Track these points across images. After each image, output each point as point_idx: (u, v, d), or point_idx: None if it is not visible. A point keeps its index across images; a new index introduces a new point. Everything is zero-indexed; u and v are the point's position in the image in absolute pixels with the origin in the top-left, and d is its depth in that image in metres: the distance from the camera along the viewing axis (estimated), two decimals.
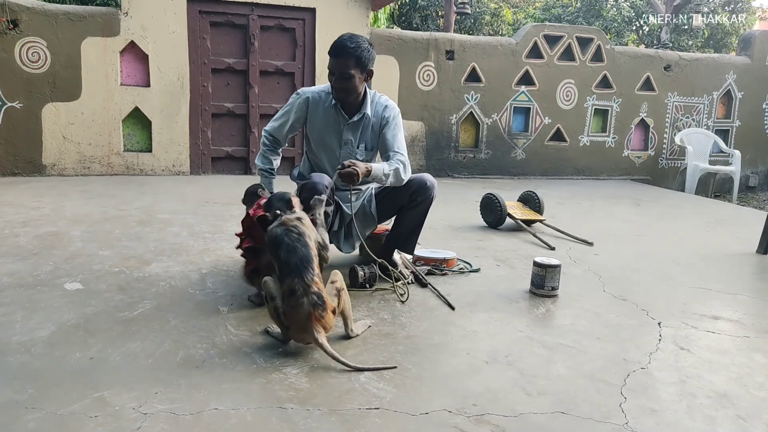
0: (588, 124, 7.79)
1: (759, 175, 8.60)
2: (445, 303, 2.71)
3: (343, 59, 2.73)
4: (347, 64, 2.73)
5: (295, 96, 2.97)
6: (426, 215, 3.03)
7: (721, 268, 3.58)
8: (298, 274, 2.08)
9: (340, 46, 2.73)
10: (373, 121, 2.92)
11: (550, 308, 2.72)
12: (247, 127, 6.74)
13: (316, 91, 2.95)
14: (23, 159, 6.08)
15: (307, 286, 2.06)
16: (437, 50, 7.13)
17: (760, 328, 2.58)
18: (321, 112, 2.90)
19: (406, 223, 3.03)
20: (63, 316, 2.37)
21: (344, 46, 2.73)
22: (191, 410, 1.70)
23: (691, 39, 15.29)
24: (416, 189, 2.93)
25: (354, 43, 2.73)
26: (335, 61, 2.75)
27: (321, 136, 2.93)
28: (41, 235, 3.66)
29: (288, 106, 2.97)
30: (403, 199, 2.96)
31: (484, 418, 1.73)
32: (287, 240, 2.15)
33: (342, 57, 2.73)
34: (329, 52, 2.78)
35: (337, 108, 2.87)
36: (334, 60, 2.75)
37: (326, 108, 2.89)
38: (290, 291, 2.07)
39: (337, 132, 2.91)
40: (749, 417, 1.81)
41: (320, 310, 2.05)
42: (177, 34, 6.32)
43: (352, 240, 3.04)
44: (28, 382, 1.83)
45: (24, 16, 5.88)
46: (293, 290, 2.06)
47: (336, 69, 2.75)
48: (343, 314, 2.24)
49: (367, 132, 2.94)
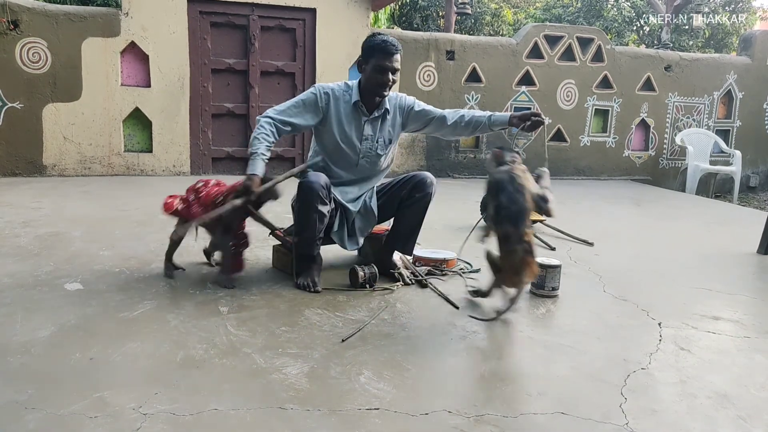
0: (588, 125, 7.78)
1: (760, 175, 8.60)
2: (448, 302, 2.71)
3: (398, 55, 2.84)
4: (399, 60, 2.86)
5: (314, 90, 2.91)
6: (424, 214, 3.04)
7: (721, 269, 3.57)
8: (514, 223, 2.25)
9: (393, 44, 2.83)
10: (393, 114, 3.00)
11: (550, 308, 2.72)
12: (248, 128, 6.73)
13: (333, 86, 2.94)
14: (24, 159, 6.09)
15: (520, 235, 2.24)
16: (438, 50, 7.13)
17: (761, 329, 2.57)
18: (342, 108, 2.92)
19: (405, 222, 3.04)
20: (63, 316, 2.37)
21: (395, 43, 2.83)
22: (191, 411, 1.70)
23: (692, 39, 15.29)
24: (416, 184, 2.98)
25: (396, 41, 2.87)
26: (391, 58, 2.82)
27: (342, 130, 2.93)
28: (42, 236, 3.66)
29: (303, 100, 2.89)
30: (403, 192, 2.99)
31: (484, 418, 1.73)
32: (510, 188, 2.31)
33: (397, 53, 2.84)
34: (383, 50, 2.80)
35: (357, 105, 2.91)
36: (390, 56, 2.81)
37: (346, 103, 2.92)
38: (505, 237, 2.27)
39: (358, 128, 2.94)
40: (750, 417, 1.80)
41: (530, 257, 2.28)
42: (177, 35, 6.32)
43: (356, 237, 3.04)
44: (28, 383, 1.83)
45: (24, 17, 5.88)
46: (508, 236, 2.25)
47: (391, 64, 2.83)
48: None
49: (386, 127, 3.00)
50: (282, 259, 3.12)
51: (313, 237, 2.84)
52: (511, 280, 2.36)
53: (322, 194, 2.75)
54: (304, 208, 2.78)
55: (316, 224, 2.80)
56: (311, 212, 2.76)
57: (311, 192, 2.74)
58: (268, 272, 3.11)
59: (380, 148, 3.00)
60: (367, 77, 2.88)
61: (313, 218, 2.77)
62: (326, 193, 2.78)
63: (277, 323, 2.39)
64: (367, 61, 2.86)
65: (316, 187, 2.73)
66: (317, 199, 2.74)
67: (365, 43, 2.89)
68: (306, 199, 2.75)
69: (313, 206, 2.75)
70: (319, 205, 2.75)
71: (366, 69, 2.87)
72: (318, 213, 2.77)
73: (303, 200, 2.77)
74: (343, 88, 2.94)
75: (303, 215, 2.80)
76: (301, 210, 2.80)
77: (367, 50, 2.86)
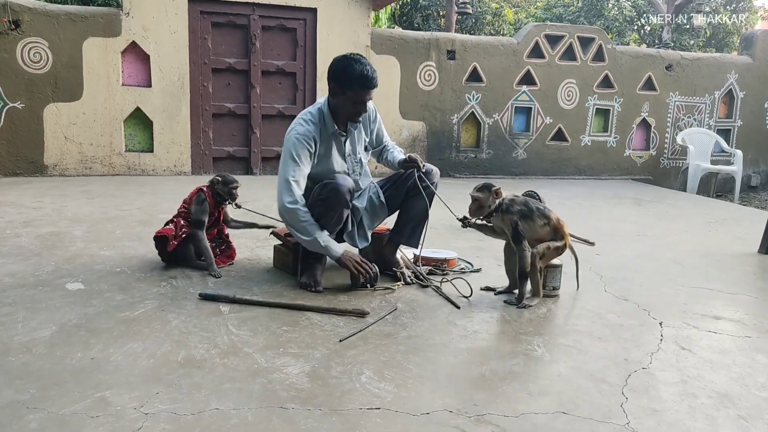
0: (589, 124, 7.78)
1: (761, 174, 8.59)
2: (450, 302, 2.71)
3: (374, 89, 2.76)
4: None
5: (301, 140, 2.73)
6: (430, 205, 3.03)
7: (722, 268, 3.57)
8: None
9: (373, 78, 2.72)
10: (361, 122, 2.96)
11: (551, 308, 2.72)
12: (249, 128, 6.74)
13: (310, 127, 2.79)
14: (25, 159, 6.09)
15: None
16: (438, 50, 7.13)
17: (762, 328, 2.57)
18: (324, 143, 2.86)
19: (411, 213, 3.04)
20: (64, 316, 2.38)
21: (375, 77, 2.74)
22: (192, 410, 1.70)
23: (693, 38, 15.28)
24: (424, 172, 2.99)
25: (375, 71, 2.77)
26: (369, 92, 2.75)
27: (329, 160, 2.89)
28: (43, 235, 3.67)
29: (299, 155, 2.73)
30: (409, 183, 2.99)
31: (485, 418, 1.73)
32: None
33: (375, 87, 2.76)
34: (363, 84, 2.70)
35: (335, 133, 2.86)
36: (369, 91, 2.74)
37: (327, 136, 2.85)
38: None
39: (340, 150, 2.93)
40: (751, 417, 1.80)
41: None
42: (178, 35, 6.33)
43: (365, 233, 3.03)
44: (29, 382, 1.83)
45: (25, 17, 5.89)
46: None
47: (370, 97, 2.78)
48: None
49: (360, 135, 3.01)
50: (283, 258, 3.12)
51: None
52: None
53: (348, 198, 2.74)
54: (323, 209, 2.74)
55: (330, 225, 2.78)
56: (331, 212, 2.74)
57: (337, 194, 2.70)
58: (269, 272, 3.11)
59: (363, 156, 3.03)
60: (341, 105, 2.78)
61: (330, 219, 2.76)
62: (351, 197, 2.77)
63: (278, 323, 2.39)
64: (343, 90, 2.72)
65: (343, 191, 2.70)
66: (343, 202, 2.72)
67: (342, 69, 2.71)
68: (330, 201, 2.72)
69: (336, 208, 2.73)
70: (343, 208, 2.75)
71: (341, 97, 2.75)
72: (338, 215, 2.76)
73: (326, 201, 2.73)
74: (318, 123, 2.81)
75: (321, 216, 2.74)
76: (321, 211, 2.74)
77: (346, 80, 2.70)
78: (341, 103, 2.78)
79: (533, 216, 2.65)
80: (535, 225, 2.65)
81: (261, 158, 6.84)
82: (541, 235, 2.67)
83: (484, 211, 2.67)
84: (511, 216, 2.63)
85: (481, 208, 2.66)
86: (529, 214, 2.65)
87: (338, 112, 2.83)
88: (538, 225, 2.65)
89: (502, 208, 2.65)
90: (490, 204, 2.65)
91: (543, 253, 2.65)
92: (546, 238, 2.67)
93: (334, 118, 2.84)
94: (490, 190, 2.64)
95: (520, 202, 2.68)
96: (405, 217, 3.07)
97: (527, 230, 2.64)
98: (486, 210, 2.66)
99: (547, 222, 2.66)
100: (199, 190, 3.06)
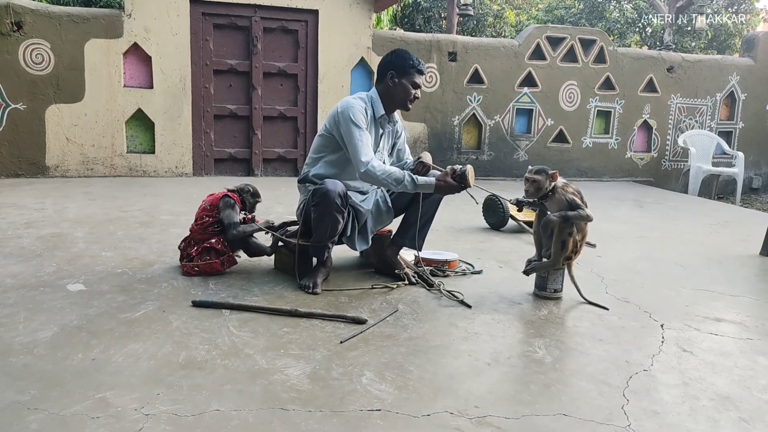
0: (591, 126, 7.78)
1: (762, 176, 8.58)
2: (460, 303, 2.75)
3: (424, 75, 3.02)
4: None
5: (359, 109, 2.87)
6: (436, 208, 3.09)
7: (724, 270, 3.57)
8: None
9: (423, 65, 3.01)
10: (393, 127, 3.13)
11: (552, 310, 2.72)
12: (250, 129, 6.75)
13: (363, 104, 2.92)
14: (27, 160, 6.11)
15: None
16: (440, 52, 7.14)
17: (764, 331, 2.57)
18: (368, 123, 2.94)
19: (417, 216, 3.04)
20: (66, 317, 2.38)
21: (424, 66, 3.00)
22: (193, 411, 1.70)
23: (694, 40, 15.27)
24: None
25: None
26: (422, 77, 3.02)
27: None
28: (44, 237, 3.67)
29: (360, 124, 2.83)
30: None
31: (486, 419, 1.73)
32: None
33: (425, 73, 3.05)
34: (419, 70, 2.96)
35: (380, 119, 2.98)
36: (422, 76, 3.01)
37: (373, 119, 2.97)
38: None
39: (375, 140, 3.00)
40: (752, 419, 1.80)
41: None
42: (180, 36, 6.34)
43: (366, 236, 3.03)
44: (30, 383, 1.84)
45: (28, 18, 5.90)
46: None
47: (421, 82, 3.01)
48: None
49: (389, 139, 3.12)
50: (284, 260, 3.12)
51: (323, 243, 2.85)
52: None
53: (338, 202, 2.75)
54: (317, 215, 2.78)
55: (327, 231, 2.80)
56: (325, 218, 2.77)
57: (327, 199, 2.73)
58: (270, 273, 3.11)
59: (386, 159, 3.10)
60: (399, 90, 2.95)
61: (326, 225, 2.78)
62: (342, 201, 2.78)
63: (279, 324, 2.39)
64: (402, 75, 2.94)
65: (332, 196, 2.73)
66: (333, 206, 2.74)
67: (400, 57, 2.96)
68: (321, 206, 2.75)
69: (328, 213, 2.75)
70: (335, 213, 2.76)
71: (398, 82, 2.94)
72: (332, 220, 2.78)
73: (318, 207, 2.77)
74: (368, 103, 2.97)
75: (316, 221, 2.80)
76: (315, 216, 2.79)
77: (404, 65, 2.93)
78: (399, 88, 2.95)
79: (582, 203, 2.81)
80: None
81: (262, 159, 6.84)
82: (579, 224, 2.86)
83: (540, 193, 2.81)
84: (567, 194, 2.81)
85: (539, 190, 2.80)
86: (581, 198, 2.82)
87: (394, 98, 2.97)
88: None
89: (556, 191, 2.80)
90: (546, 186, 2.79)
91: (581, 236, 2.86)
92: (582, 229, 2.86)
93: (383, 105, 2.98)
94: (547, 173, 2.78)
95: (574, 187, 2.84)
96: (411, 219, 3.07)
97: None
98: (542, 192, 2.80)
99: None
100: (225, 196, 3.07)
